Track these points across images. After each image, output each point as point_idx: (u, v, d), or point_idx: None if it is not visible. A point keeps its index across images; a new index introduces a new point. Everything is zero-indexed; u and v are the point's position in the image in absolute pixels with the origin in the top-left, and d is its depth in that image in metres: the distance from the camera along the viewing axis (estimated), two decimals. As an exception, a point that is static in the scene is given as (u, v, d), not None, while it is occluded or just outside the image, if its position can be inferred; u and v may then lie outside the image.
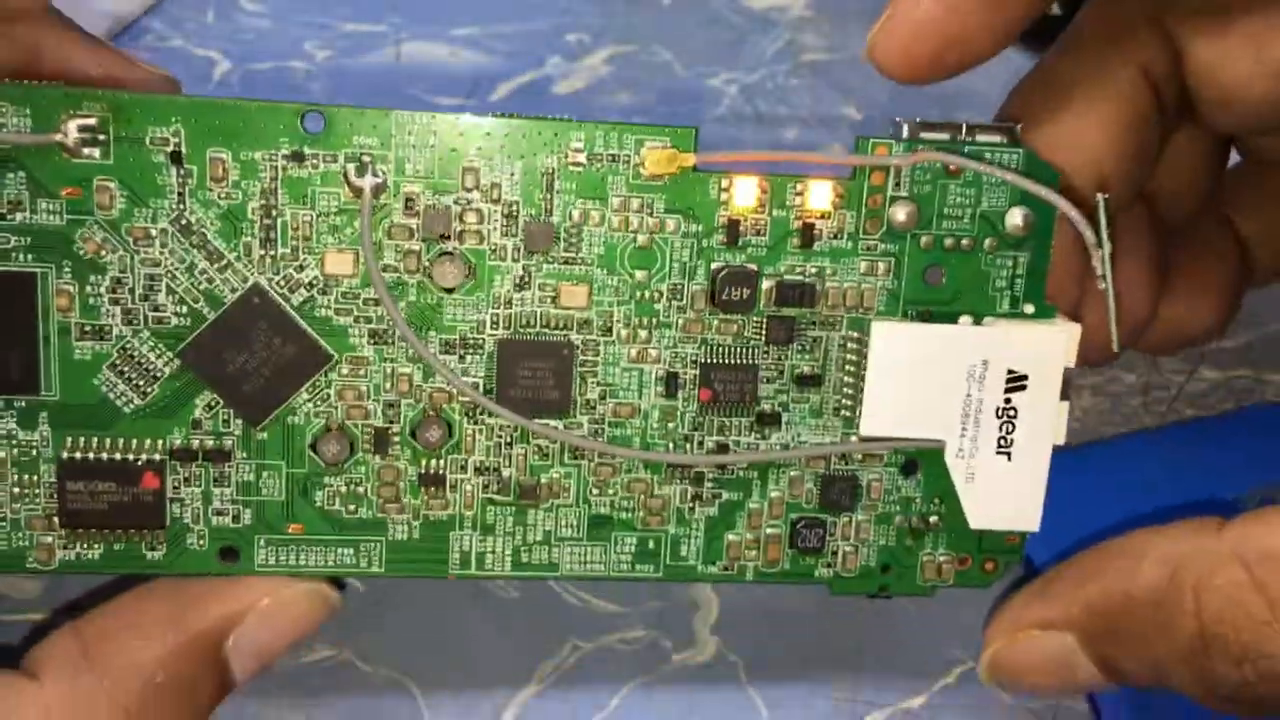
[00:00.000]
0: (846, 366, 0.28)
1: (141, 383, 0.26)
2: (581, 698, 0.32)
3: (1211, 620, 0.25)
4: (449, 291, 0.26)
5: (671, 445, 0.28)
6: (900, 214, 0.27)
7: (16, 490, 0.26)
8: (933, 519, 0.29)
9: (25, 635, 0.28)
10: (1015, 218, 0.27)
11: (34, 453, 0.26)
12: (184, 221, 0.26)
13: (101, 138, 0.25)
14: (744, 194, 0.27)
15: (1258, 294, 0.34)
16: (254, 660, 0.27)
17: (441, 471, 0.27)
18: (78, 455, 0.26)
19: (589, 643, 0.33)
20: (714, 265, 0.27)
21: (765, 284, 0.27)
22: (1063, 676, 0.28)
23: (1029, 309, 0.28)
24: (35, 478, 0.26)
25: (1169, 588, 0.26)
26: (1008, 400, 0.28)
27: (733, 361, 0.27)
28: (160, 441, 0.26)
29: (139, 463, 0.26)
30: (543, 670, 0.32)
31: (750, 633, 0.33)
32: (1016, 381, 0.28)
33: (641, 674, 0.32)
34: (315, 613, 0.28)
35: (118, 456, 0.26)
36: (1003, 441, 0.28)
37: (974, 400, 0.28)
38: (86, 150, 0.25)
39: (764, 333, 0.27)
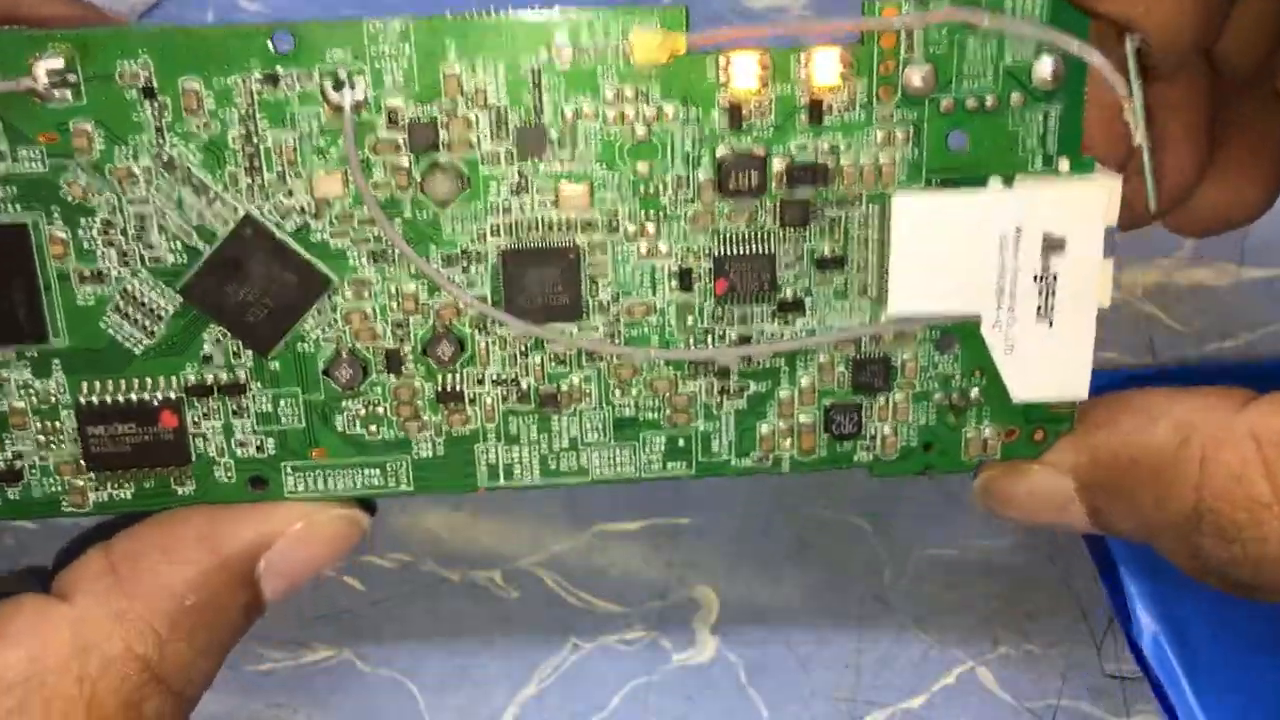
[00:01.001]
0: (870, 245, 0.26)
1: (147, 323, 0.26)
2: (581, 698, 0.32)
3: (1211, 495, 0.24)
4: (444, 205, 0.25)
5: (692, 341, 0.27)
6: (916, 78, 0.25)
7: (41, 439, 0.26)
8: (973, 394, 0.28)
9: (56, 557, 0.29)
10: (1044, 69, 0.25)
11: (53, 400, 0.26)
12: (165, 157, 0.25)
13: (71, 78, 0.24)
14: (743, 72, 0.25)
15: (1258, 293, 0.33)
16: (285, 581, 0.27)
17: (458, 387, 0.27)
18: (95, 400, 0.26)
19: (589, 643, 0.33)
20: (719, 152, 0.25)
21: (775, 166, 0.26)
22: (1052, 513, 0.28)
23: (1064, 164, 0.26)
24: (58, 424, 0.26)
25: (1176, 455, 0.25)
26: (1046, 266, 0.26)
27: (747, 250, 0.26)
28: (174, 379, 0.26)
29: (155, 402, 0.26)
30: (543, 670, 0.32)
31: (750, 633, 0.33)
32: (1054, 245, 0.26)
33: (641, 674, 0.32)
34: (347, 536, 0.28)
35: (134, 398, 0.26)
36: (1042, 309, 0.26)
37: (1009, 269, 0.26)
38: (58, 93, 0.24)
39: (778, 218, 0.26)
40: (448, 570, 0.34)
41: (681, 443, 0.28)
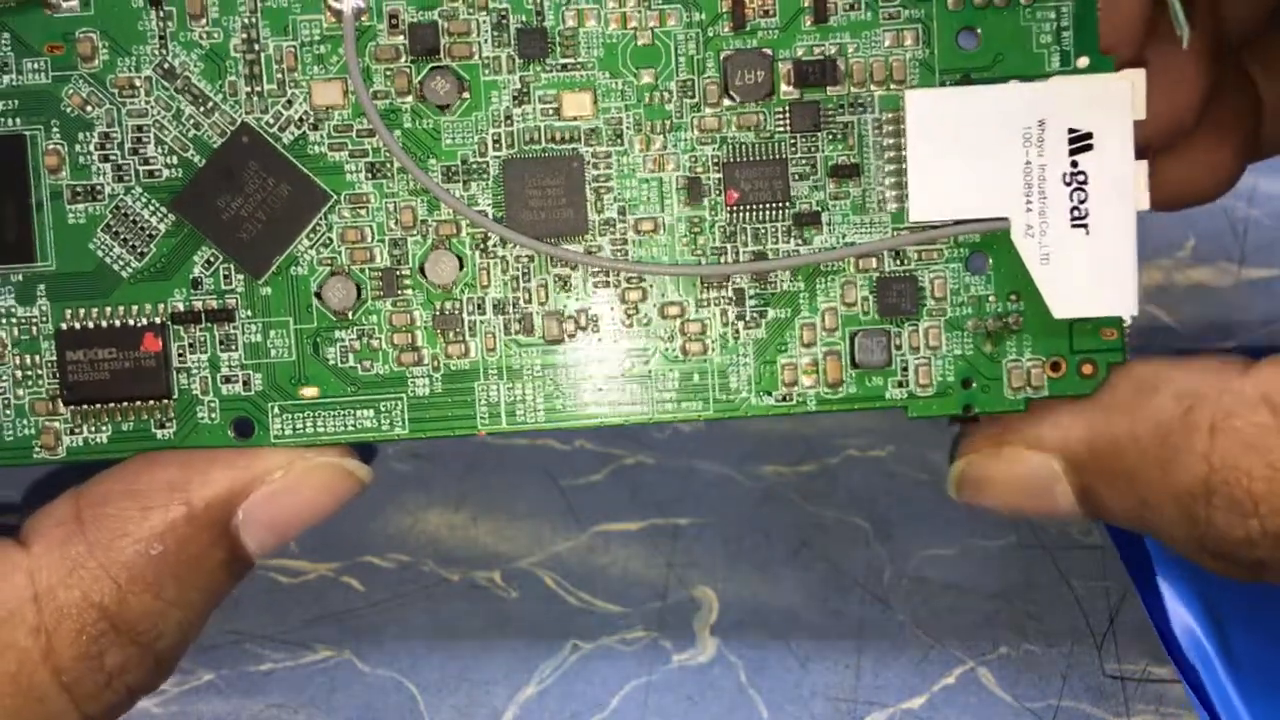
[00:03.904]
0: (886, 152, 0.25)
1: (137, 243, 0.25)
2: (581, 698, 0.31)
3: (1223, 464, 0.22)
4: (444, 110, 0.25)
5: (703, 259, 0.25)
6: (918, -31, 0.25)
7: (19, 374, 0.25)
8: (1011, 318, 0.25)
9: (25, 494, 0.27)
10: (1050, -37, 0.25)
11: (34, 330, 0.25)
12: (167, 66, 0.25)
13: None
14: (744, -33, 0.25)
15: (1258, 293, 0.34)
16: (270, 534, 0.25)
17: (457, 311, 0.25)
18: (76, 325, 0.25)
19: (589, 643, 0.32)
20: (723, 54, 0.25)
21: (782, 67, 0.25)
22: (1037, 500, 0.25)
23: (1083, 62, 0.25)
24: (37, 358, 0.25)
25: (1181, 424, 0.23)
26: (1074, 164, 0.25)
27: (758, 157, 0.25)
28: (161, 305, 0.25)
29: (139, 326, 0.25)
30: (543, 670, 0.32)
31: (750, 633, 0.33)
32: (1080, 141, 0.25)
33: (641, 674, 0.32)
34: (338, 487, 0.25)
35: (117, 323, 0.25)
36: (1076, 212, 0.25)
37: (1034, 167, 0.25)
38: (66, 4, 0.25)
39: (788, 122, 0.25)
40: (448, 570, 0.33)
41: (696, 378, 0.26)
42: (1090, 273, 0.25)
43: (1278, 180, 0.35)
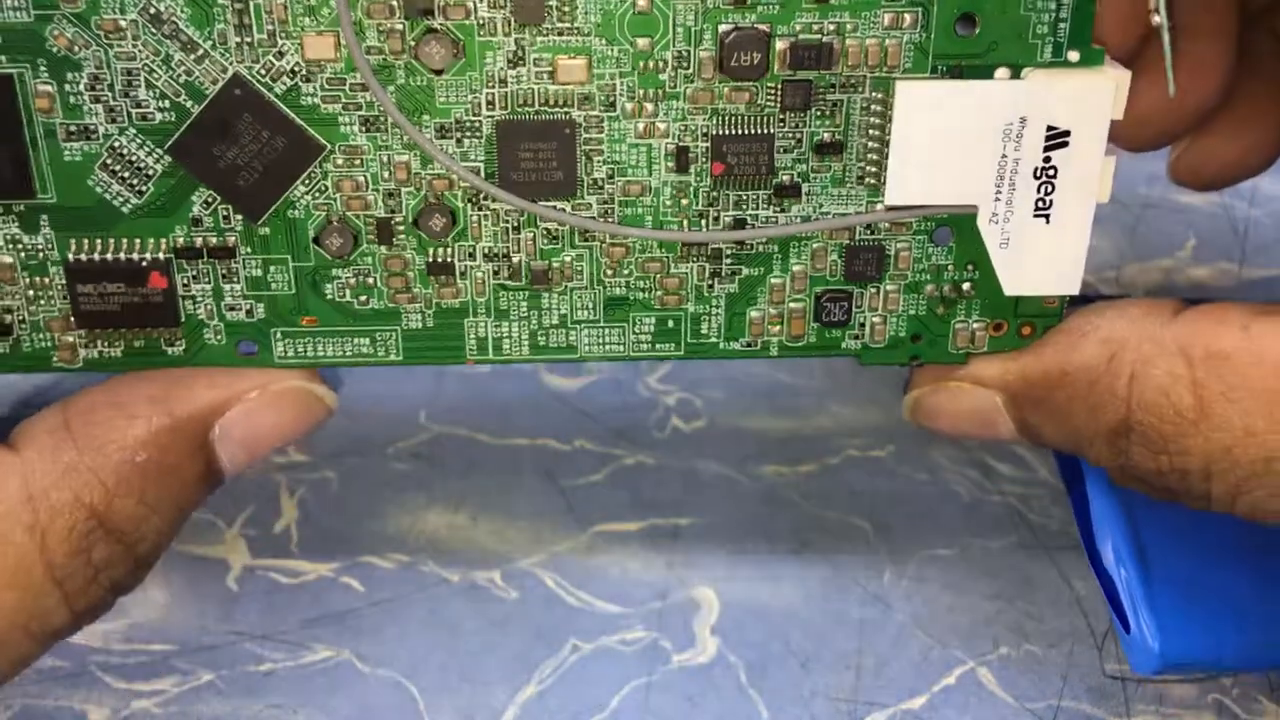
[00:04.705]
0: (870, 131, 0.26)
1: (136, 182, 0.26)
2: (581, 698, 0.31)
3: (1139, 407, 0.25)
4: (438, 73, 0.25)
5: (686, 223, 0.27)
6: (926, -41, 0.24)
7: (31, 294, 0.26)
8: (965, 286, 0.27)
9: (12, 407, 0.29)
10: (1058, -46, 0.24)
11: (40, 256, 0.26)
12: (153, 11, 0.24)
13: None
14: (750, -54, 0.24)
15: (1258, 293, 0.33)
16: (242, 451, 0.27)
17: (449, 259, 0.27)
18: (84, 257, 0.26)
19: (589, 643, 0.32)
20: (721, 28, 0.25)
21: (779, 45, 0.25)
22: (981, 428, 0.28)
23: (1074, 56, 0.25)
24: (47, 280, 0.26)
25: (1106, 369, 0.26)
26: (1047, 159, 0.26)
27: (746, 131, 0.26)
28: (163, 240, 0.26)
29: (143, 263, 0.26)
30: (543, 670, 0.32)
31: (750, 633, 0.32)
32: (1057, 139, 0.26)
33: (641, 674, 0.32)
34: (306, 409, 0.27)
35: (122, 257, 0.26)
36: (1041, 204, 0.26)
37: (1010, 161, 0.26)
38: (43, -61, 0.23)
39: (779, 99, 0.25)
40: (448, 570, 0.34)
41: (671, 324, 0.28)
42: (1044, 257, 0.27)
43: (1278, 180, 0.34)
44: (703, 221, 0.27)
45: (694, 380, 0.39)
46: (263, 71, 0.25)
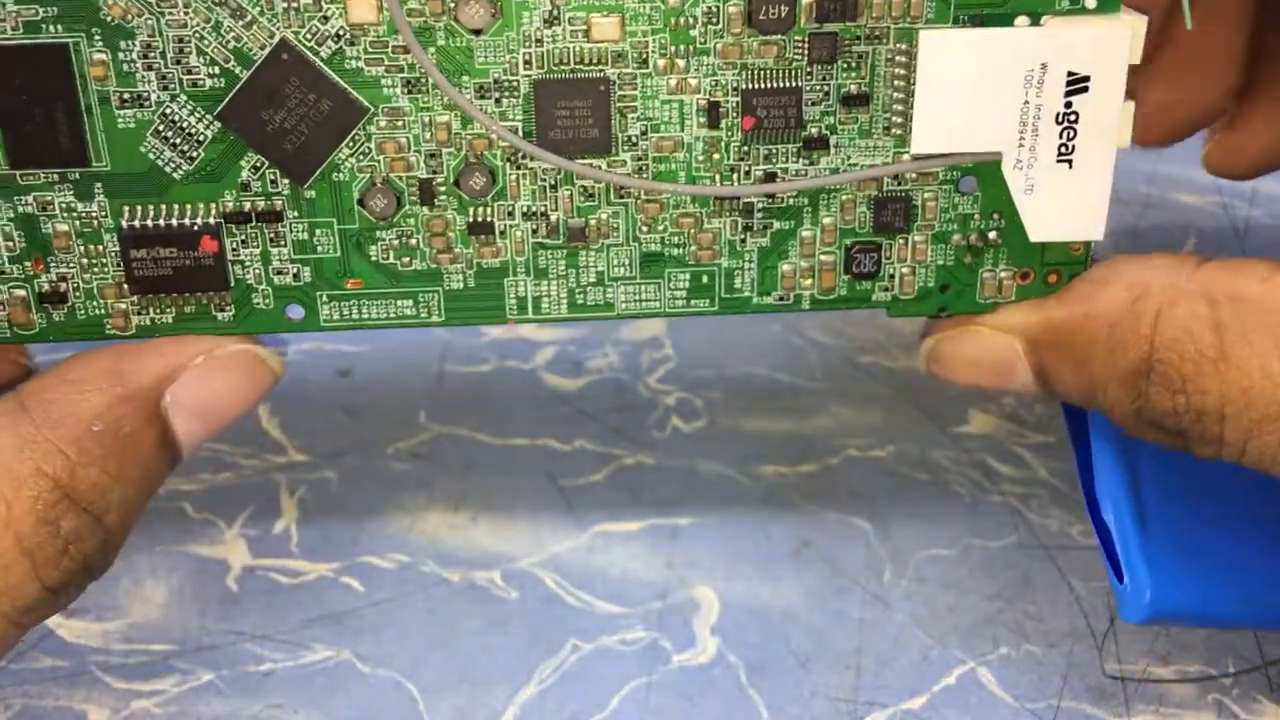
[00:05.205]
0: (895, 82, 0.27)
1: (186, 148, 0.26)
2: (581, 698, 0.31)
3: (1162, 344, 0.26)
4: (477, 33, 0.26)
5: (718, 178, 0.27)
6: (946, -90, 0.25)
7: (85, 261, 0.27)
8: (992, 235, 0.28)
9: None
10: (1073, -97, 0.25)
11: (95, 223, 0.27)
12: (204, -21, 0.25)
13: None
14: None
15: None
16: (196, 421, 0.27)
17: (489, 219, 0.27)
18: (137, 224, 0.27)
19: (589, 643, 0.32)
20: (749, -17, 0.26)
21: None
22: (998, 377, 0.28)
23: (1090, 3, 0.26)
24: (101, 248, 0.27)
25: (1129, 310, 0.26)
26: (1068, 104, 0.26)
27: (775, 85, 0.27)
28: (213, 205, 0.27)
29: (195, 227, 0.27)
30: (543, 670, 0.32)
31: (750, 633, 0.33)
32: (1078, 84, 0.26)
33: (641, 674, 0.32)
34: (252, 373, 0.28)
35: (174, 223, 0.27)
36: (1063, 149, 0.27)
37: (1032, 107, 0.26)
38: (97, -88, 0.25)
39: (806, 52, 0.26)
40: (447, 570, 0.34)
41: (705, 279, 0.28)
42: (1068, 202, 0.27)
43: (1278, 180, 0.34)
44: (734, 176, 0.27)
45: (694, 380, 0.39)
46: (308, 36, 0.26)
